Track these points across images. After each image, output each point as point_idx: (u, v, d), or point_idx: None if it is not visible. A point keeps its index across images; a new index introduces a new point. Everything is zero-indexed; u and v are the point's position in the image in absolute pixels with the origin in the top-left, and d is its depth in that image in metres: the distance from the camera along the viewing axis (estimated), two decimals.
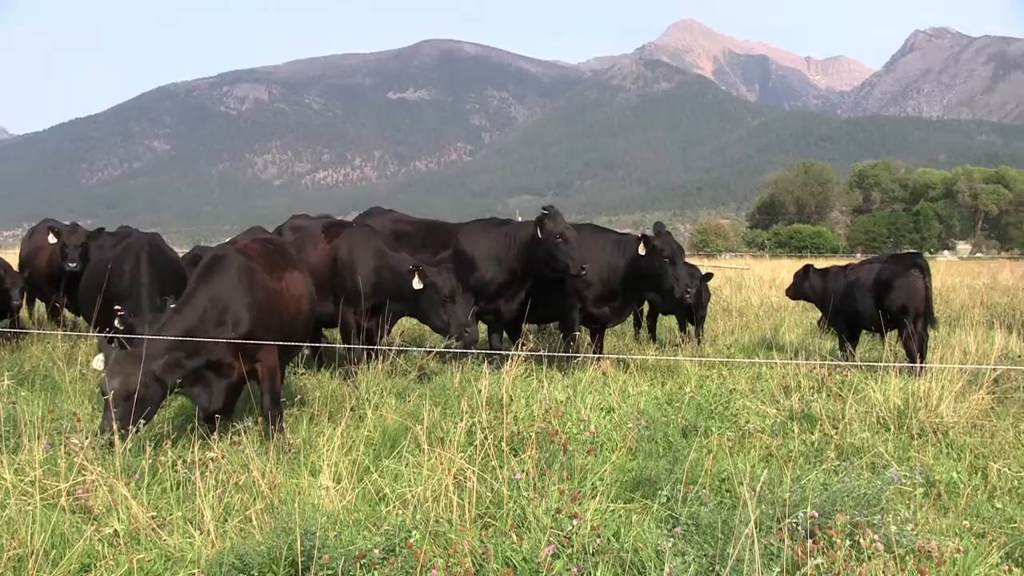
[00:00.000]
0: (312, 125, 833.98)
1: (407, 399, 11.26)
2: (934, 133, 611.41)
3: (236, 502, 7.41)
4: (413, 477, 7.82)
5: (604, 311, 15.67)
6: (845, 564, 6.01)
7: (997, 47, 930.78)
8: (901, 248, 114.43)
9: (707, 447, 9.27)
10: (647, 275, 15.08)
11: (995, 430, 10.29)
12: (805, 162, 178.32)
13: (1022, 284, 26.70)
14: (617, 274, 15.34)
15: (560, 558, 6.28)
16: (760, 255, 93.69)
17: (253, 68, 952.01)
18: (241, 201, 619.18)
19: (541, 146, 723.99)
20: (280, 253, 10.98)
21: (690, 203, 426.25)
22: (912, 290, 15.00)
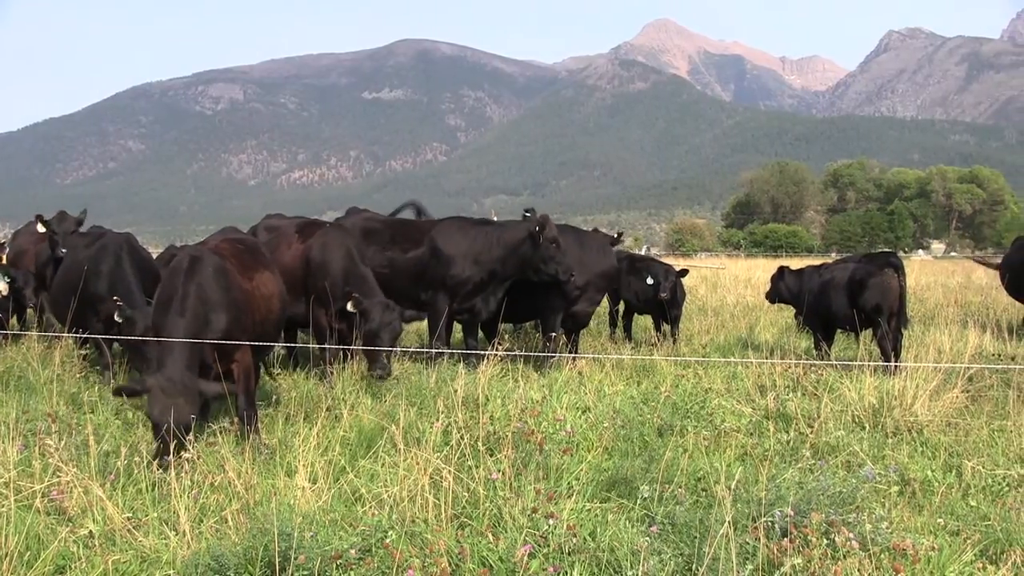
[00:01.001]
0: (287, 125, 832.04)
1: (383, 399, 11.26)
2: (908, 133, 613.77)
3: (212, 503, 7.39)
4: (389, 477, 7.81)
5: (587, 310, 15.84)
6: (821, 562, 6.04)
7: (970, 47, 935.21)
8: (876, 247, 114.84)
9: (683, 446, 9.29)
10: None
11: (969, 428, 10.34)
12: (780, 162, 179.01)
13: (995, 283, 26.76)
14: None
15: (536, 558, 6.28)
16: (735, 255, 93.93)
17: (228, 68, 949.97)
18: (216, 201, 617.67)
19: (516, 146, 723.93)
20: (251, 253, 10.96)
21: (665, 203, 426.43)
22: (886, 289, 15.05)
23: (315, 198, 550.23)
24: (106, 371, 13.20)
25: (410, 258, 14.97)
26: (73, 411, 10.59)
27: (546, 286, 15.02)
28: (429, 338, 15.04)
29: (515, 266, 14.74)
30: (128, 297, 12.98)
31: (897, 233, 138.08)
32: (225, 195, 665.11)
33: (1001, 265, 21.68)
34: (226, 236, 11.79)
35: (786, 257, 72.01)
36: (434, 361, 13.20)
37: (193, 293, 9.44)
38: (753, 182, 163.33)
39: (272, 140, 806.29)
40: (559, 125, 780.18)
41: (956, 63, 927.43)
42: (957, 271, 42.82)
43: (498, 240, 14.88)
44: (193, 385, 8.70)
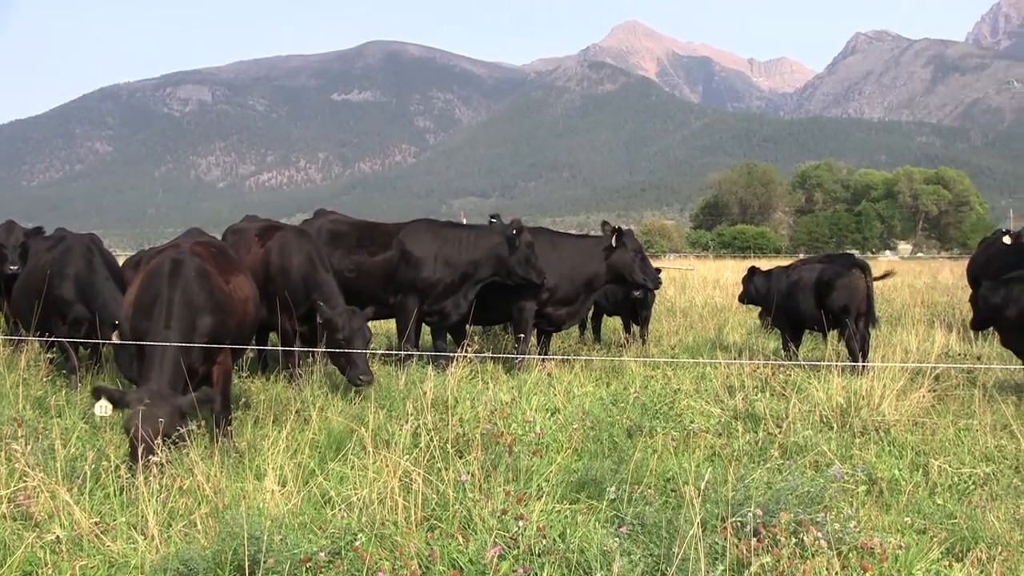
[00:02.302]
0: (256, 127, 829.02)
1: (352, 401, 11.25)
2: (875, 134, 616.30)
3: (180, 506, 7.36)
4: (358, 480, 7.79)
5: (561, 313, 15.85)
6: (789, 562, 6.06)
7: (936, 50, 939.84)
8: (843, 248, 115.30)
9: (652, 447, 9.32)
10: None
11: (936, 427, 10.42)
12: (748, 163, 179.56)
13: (961, 283, 26.95)
14: (580, 278, 15.74)
15: (506, 559, 6.29)
16: (704, 256, 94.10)
17: (197, 69, 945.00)
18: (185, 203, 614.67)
19: (486, 147, 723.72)
20: (224, 256, 10.93)
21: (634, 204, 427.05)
22: (854, 290, 15.13)
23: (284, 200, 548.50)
24: (72, 375, 13.11)
25: (378, 260, 14.95)
26: (39, 415, 10.52)
27: (517, 288, 15.04)
28: (398, 340, 15.03)
29: (490, 269, 14.78)
30: (97, 299, 12.93)
31: (864, 234, 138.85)
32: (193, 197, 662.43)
33: (968, 265, 21.85)
34: (192, 238, 11.72)
35: (754, 258, 72.19)
36: (403, 363, 13.19)
37: (179, 298, 9.39)
38: (721, 183, 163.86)
39: (241, 142, 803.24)
40: (528, 127, 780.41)
41: (922, 65, 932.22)
42: (923, 272, 43.07)
43: (474, 243, 14.91)
44: (176, 402, 8.66)
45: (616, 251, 15.60)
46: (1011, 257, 17.17)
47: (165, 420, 8.33)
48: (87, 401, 11.27)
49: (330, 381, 12.42)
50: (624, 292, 17.76)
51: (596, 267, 15.76)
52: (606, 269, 15.69)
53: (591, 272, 15.78)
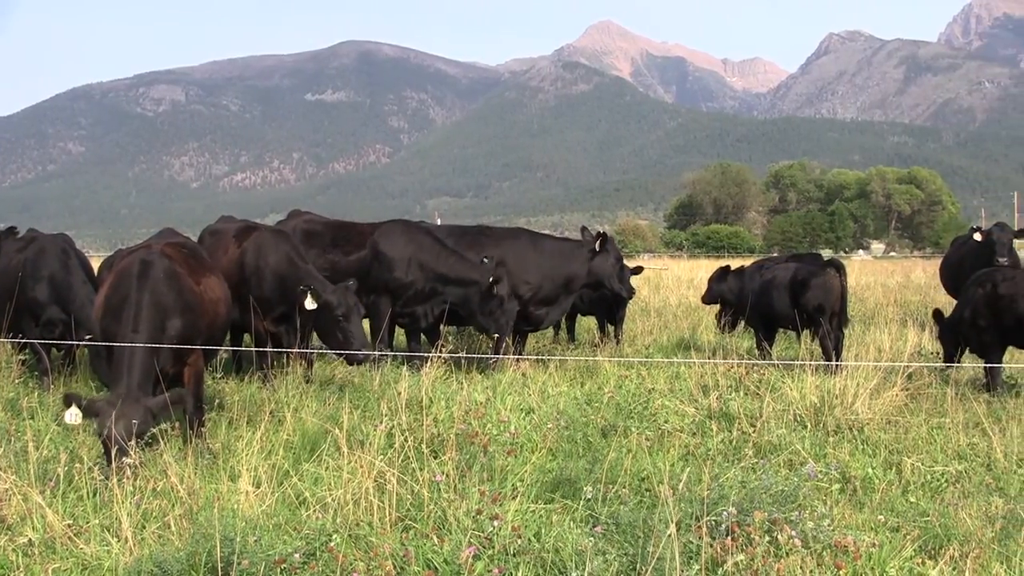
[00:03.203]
0: (230, 127, 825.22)
1: (326, 402, 11.23)
2: (848, 134, 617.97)
3: (154, 508, 7.34)
4: (333, 480, 7.79)
5: (541, 313, 15.92)
6: (764, 560, 6.09)
7: (908, 50, 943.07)
8: (817, 247, 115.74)
9: (626, 447, 9.33)
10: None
11: (909, 426, 10.48)
12: (722, 163, 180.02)
13: (934, 283, 27.09)
14: (561, 279, 15.92)
15: (481, 559, 6.29)
16: (678, 255, 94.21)
17: (170, 69, 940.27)
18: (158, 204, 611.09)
19: (460, 147, 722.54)
20: (195, 257, 10.90)
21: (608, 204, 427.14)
22: (828, 289, 15.19)
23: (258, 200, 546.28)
24: (45, 377, 13.06)
25: (352, 260, 14.94)
26: (11, 417, 10.47)
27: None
28: (371, 341, 15.02)
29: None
30: (75, 301, 12.89)
31: (838, 233, 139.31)
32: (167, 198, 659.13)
33: (941, 264, 21.97)
34: (165, 238, 11.67)
35: (728, 257, 72.33)
36: (377, 364, 13.17)
37: (147, 300, 9.35)
38: (695, 183, 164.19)
39: (214, 142, 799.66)
40: (502, 127, 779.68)
41: (895, 65, 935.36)
42: (897, 271, 43.24)
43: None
44: (146, 404, 8.63)
45: (599, 256, 15.77)
46: (982, 255, 17.26)
47: (137, 422, 8.31)
48: (60, 403, 11.24)
49: (304, 382, 12.40)
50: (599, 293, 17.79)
51: (578, 269, 15.90)
52: (587, 272, 15.81)
53: (572, 274, 15.91)
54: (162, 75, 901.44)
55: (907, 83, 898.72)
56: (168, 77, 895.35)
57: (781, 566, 6.00)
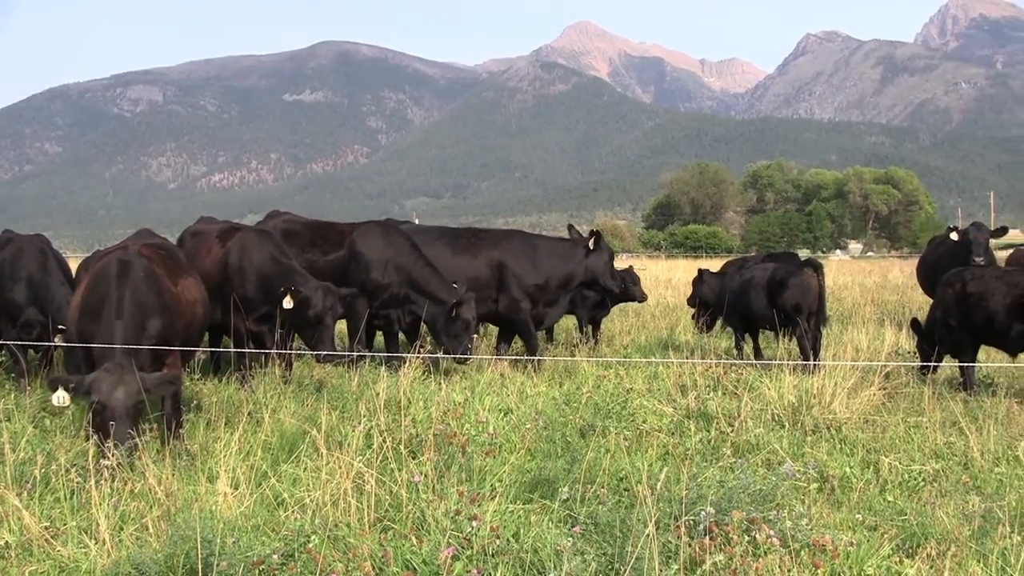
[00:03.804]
0: (207, 127, 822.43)
1: (305, 403, 11.22)
2: (825, 134, 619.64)
3: (132, 510, 7.32)
4: (311, 481, 7.78)
5: (543, 312, 16.09)
6: (742, 560, 6.10)
7: (885, 50, 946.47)
8: (795, 247, 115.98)
9: (605, 446, 9.33)
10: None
11: (886, 425, 10.52)
12: (700, 163, 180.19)
13: (911, 282, 27.20)
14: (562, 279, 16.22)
15: (460, 560, 6.28)
16: (656, 256, 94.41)
17: (147, 69, 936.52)
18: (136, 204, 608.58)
19: (438, 148, 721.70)
20: (172, 258, 10.88)
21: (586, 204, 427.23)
22: (806, 288, 15.25)
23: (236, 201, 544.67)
24: (21, 379, 13.02)
25: (330, 260, 14.94)
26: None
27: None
28: (349, 342, 15.02)
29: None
30: (52, 303, 12.85)
31: (815, 233, 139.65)
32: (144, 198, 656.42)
33: (918, 264, 22.05)
34: (142, 239, 11.64)
35: (706, 258, 72.54)
36: (355, 364, 13.17)
37: (128, 297, 9.34)
38: (673, 183, 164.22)
39: (192, 143, 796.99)
40: (480, 127, 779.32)
41: (872, 66, 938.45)
42: (874, 271, 43.40)
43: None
44: (138, 376, 8.63)
45: (593, 254, 15.97)
46: (959, 255, 17.33)
47: (133, 389, 8.34)
48: (36, 405, 11.21)
49: (283, 382, 12.38)
50: (580, 293, 17.82)
51: (575, 268, 16.14)
52: (584, 271, 16.02)
53: (571, 273, 16.17)
54: (139, 75, 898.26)
55: (884, 83, 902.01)
56: (145, 77, 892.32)
57: (759, 565, 6.02)
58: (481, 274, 15.80)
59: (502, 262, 15.90)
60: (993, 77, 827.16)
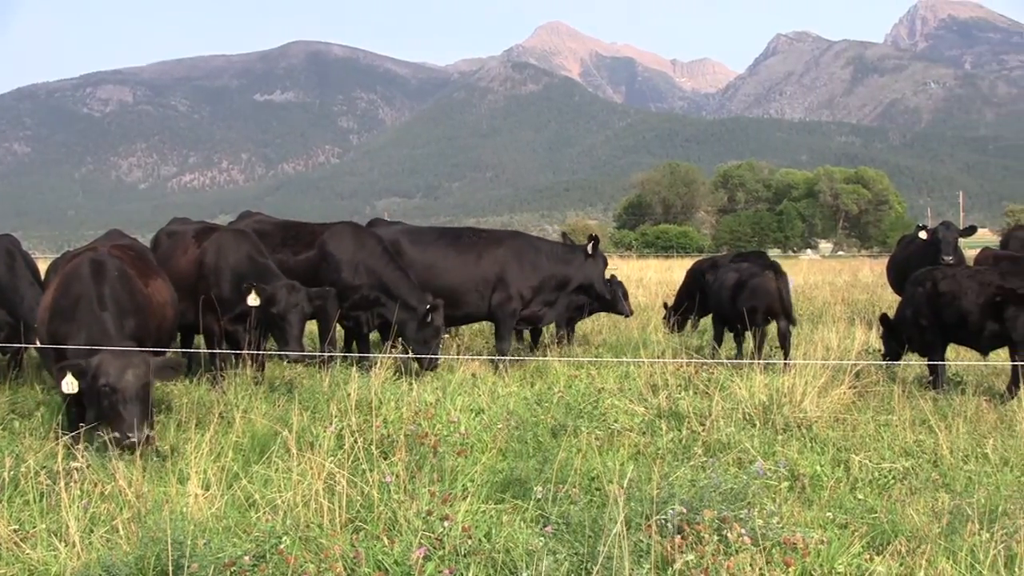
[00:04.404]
0: (178, 127, 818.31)
1: (276, 404, 11.20)
2: (796, 134, 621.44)
3: (102, 512, 7.30)
4: (283, 482, 7.78)
5: (542, 312, 16.21)
6: (713, 558, 6.12)
7: (855, 51, 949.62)
8: (766, 247, 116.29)
9: (576, 446, 9.35)
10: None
11: (856, 423, 10.57)
12: (671, 163, 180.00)
13: (881, 281, 27.32)
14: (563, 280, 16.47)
15: (432, 560, 6.29)
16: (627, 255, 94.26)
17: (117, 69, 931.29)
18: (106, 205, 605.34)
19: (409, 148, 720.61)
20: (142, 259, 10.85)
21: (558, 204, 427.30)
22: (763, 291, 15.37)
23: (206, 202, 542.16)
24: None
25: (300, 260, 14.92)
26: None
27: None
28: (320, 342, 14.99)
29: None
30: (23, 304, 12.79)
31: (786, 233, 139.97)
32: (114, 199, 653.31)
33: (888, 263, 22.15)
34: (112, 240, 11.60)
35: (677, 257, 72.64)
36: (327, 365, 13.16)
37: (108, 293, 9.33)
38: (644, 183, 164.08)
39: (162, 143, 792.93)
40: (451, 127, 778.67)
41: (842, 66, 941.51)
42: (844, 270, 43.52)
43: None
44: (144, 356, 8.68)
45: (590, 260, 16.26)
46: (928, 254, 17.40)
47: (141, 371, 8.39)
48: (5, 407, 11.16)
49: (255, 383, 12.35)
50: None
51: (574, 272, 16.48)
52: (583, 275, 16.52)
53: (569, 276, 16.47)
54: (109, 75, 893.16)
55: (854, 83, 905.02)
56: (115, 77, 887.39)
57: (731, 564, 6.04)
58: (486, 272, 15.94)
59: (505, 260, 16.06)
60: (962, 77, 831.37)
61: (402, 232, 16.44)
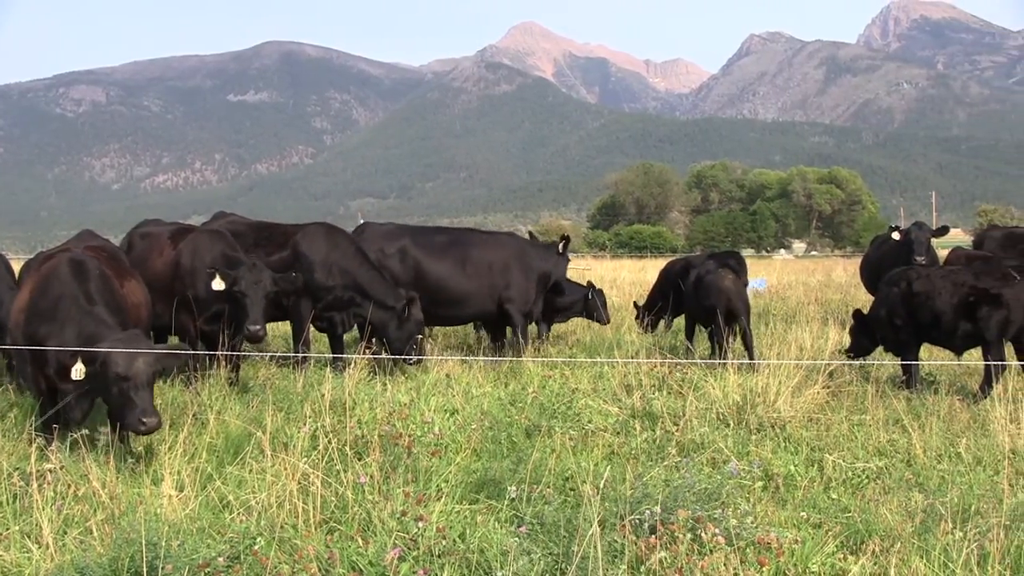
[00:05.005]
0: (151, 128, 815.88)
1: (250, 404, 11.17)
2: (769, 135, 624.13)
3: (76, 514, 7.28)
4: (257, 483, 7.76)
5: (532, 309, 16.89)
6: (688, 558, 6.14)
7: (828, 51, 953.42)
8: (739, 247, 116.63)
9: (550, 446, 9.35)
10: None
11: (830, 423, 10.59)
12: (644, 163, 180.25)
13: (855, 281, 27.41)
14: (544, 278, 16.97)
15: (406, 561, 6.29)
16: (601, 255, 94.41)
17: (90, 69, 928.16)
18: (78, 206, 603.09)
19: (383, 148, 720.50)
20: (116, 260, 10.82)
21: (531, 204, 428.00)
22: (719, 289, 15.48)
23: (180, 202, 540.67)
24: None
25: (274, 261, 14.87)
26: None
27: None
28: (294, 344, 14.96)
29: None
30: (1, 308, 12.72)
31: (759, 233, 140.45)
32: (87, 200, 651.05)
33: (861, 263, 22.26)
34: (84, 241, 11.55)
35: (651, 257, 72.76)
36: (301, 365, 13.14)
37: (94, 289, 9.31)
38: (618, 183, 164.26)
39: (135, 143, 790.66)
40: (425, 127, 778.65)
41: (815, 66, 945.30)
42: (817, 270, 43.67)
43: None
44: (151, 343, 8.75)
45: (560, 258, 16.87)
46: (901, 254, 17.47)
47: (151, 358, 8.44)
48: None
49: (228, 384, 12.32)
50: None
51: (552, 269, 17.05)
52: (556, 273, 17.25)
53: (549, 273, 17.02)
54: (82, 75, 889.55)
55: (827, 84, 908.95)
56: (88, 77, 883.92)
57: (705, 563, 6.05)
58: (495, 274, 16.36)
59: (508, 262, 16.45)
60: (934, 78, 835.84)
61: (410, 235, 16.51)
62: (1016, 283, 12.62)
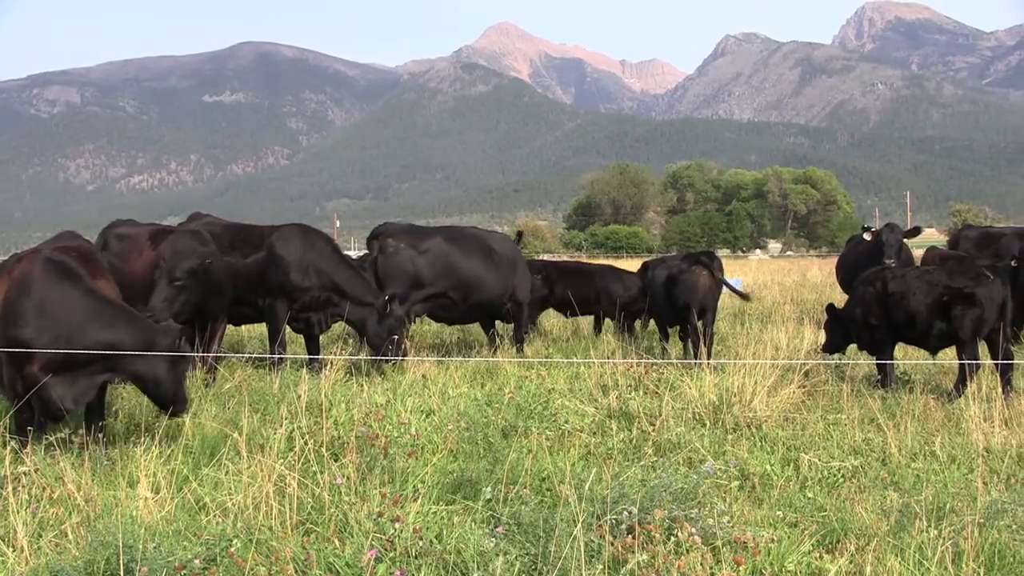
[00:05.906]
0: (126, 128, 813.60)
1: (226, 406, 11.14)
2: (745, 135, 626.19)
3: (51, 516, 7.23)
4: (233, 485, 7.74)
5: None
6: (665, 558, 6.14)
7: (803, 52, 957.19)
8: (715, 247, 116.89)
9: (527, 447, 9.34)
10: None
11: (806, 422, 10.61)
12: (620, 164, 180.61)
13: (830, 281, 27.51)
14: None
15: (383, 562, 6.28)
16: (577, 256, 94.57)
17: (65, 70, 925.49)
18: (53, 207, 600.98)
19: (359, 149, 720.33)
20: (91, 261, 10.75)
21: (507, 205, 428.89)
22: (693, 286, 15.53)
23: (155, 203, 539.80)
24: None
25: (250, 262, 14.83)
26: None
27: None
28: (270, 345, 14.93)
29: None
30: None
31: (735, 233, 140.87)
32: (63, 201, 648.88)
33: (837, 263, 22.34)
34: (63, 242, 11.48)
35: (627, 258, 72.88)
36: (277, 367, 13.12)
37: (85, 287, 9.28)
38: (594, 184, 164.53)
39: (111, 144, 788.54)
40: (401, 128, 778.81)
41: (790, 67, 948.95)
42: (793, 270, 43.81)
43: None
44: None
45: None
46: (876, 254, 17.52)
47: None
48: None
49: (204, 385, 12.29)
50: None
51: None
52: None
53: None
54: (57, 76, 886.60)
55: (802, 84, 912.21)
56: (63, 78, 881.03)
57: (682, 563, 6.06)
58: (509, 267, 17.07)
59: (515, 257, 17.29)
60: (908, 78, 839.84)
61: (441, 233, 16.71)
62: (989, 282, 12.67)
